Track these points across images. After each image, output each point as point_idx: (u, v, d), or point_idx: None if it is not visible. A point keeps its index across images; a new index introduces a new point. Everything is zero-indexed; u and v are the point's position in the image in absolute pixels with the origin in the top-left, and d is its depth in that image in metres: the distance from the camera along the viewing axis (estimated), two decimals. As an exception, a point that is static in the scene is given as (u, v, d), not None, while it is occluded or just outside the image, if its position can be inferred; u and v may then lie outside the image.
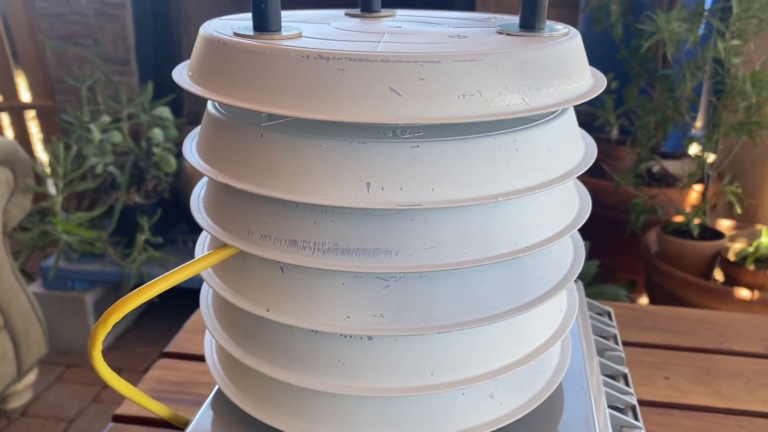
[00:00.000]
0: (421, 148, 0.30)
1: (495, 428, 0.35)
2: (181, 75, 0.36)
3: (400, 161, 0.30)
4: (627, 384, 0.46)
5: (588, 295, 1.19)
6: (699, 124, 1.72)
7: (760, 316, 0.76)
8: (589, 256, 1.50)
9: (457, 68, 0.29)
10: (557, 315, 0.38)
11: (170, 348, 0.69)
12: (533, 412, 0.37)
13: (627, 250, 1.57)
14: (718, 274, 1.41)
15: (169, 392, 0.62)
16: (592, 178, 1.70)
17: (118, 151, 1.76)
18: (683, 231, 1.42)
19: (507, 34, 0.35)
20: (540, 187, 0.32)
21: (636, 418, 0.42)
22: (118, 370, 1.58)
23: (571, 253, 0.39)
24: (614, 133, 1.70)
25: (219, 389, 0.40)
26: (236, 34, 0.33)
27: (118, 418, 0.58)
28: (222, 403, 0.39)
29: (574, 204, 0.37)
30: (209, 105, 0.37)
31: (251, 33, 0.33)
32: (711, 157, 1.46)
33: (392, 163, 0.30)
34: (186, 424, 0.38)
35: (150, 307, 1.88)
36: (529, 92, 0.31)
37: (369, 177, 0.30)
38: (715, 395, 0.62)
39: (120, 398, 0.59)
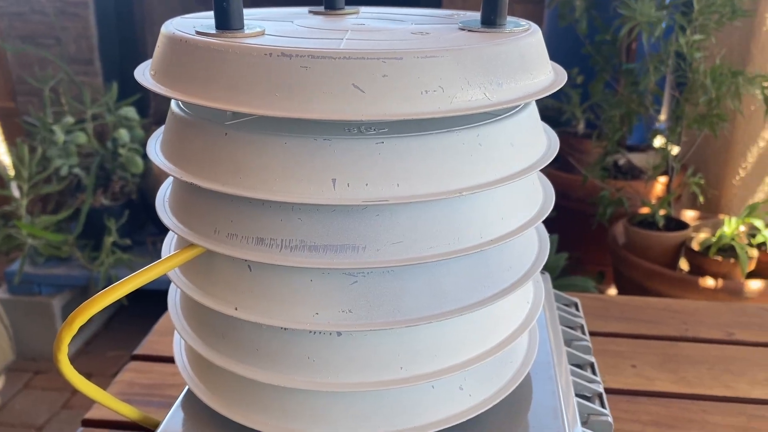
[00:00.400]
0: (386, 144, 0.31)
1: (465, 419, 0.36)
2: (144, 74, 0.35)
3: (365, 157, 0.31)
4: (594, 373, 0.47)
5: (557, 287, 1.21)
6: (663, 117, 1.75)
7: (723, 304, 0.78)
8: (558, 249, 1.52)
9: (420, 64, 0.30)
10: (524, 306, 0.39)
11: (140, 350, 0.68)
12: (503, 402, 0.38)
13: (595, 243, 1.60)
14: (684, 264, 1.44)
15: (139, 395, 0.61)
16: (560, 171, 1.73)
17: (83, 152, 1.73)
18: (649, 222, 1.45)
19: (469, 31, 0.35)
20: (503, 180, 0.33)
21: (603, 405, 0.43)
22: (88, 375, 1.56)
23: (536, 245, 0.39)
24: (581, 127, 1.72)
25: (189, 390, 0.40)
26: (198, 33, 0.33)
27: (88, 423, 0.58)
28: (192, 403, 0.39)
29: (538, 197, 0.38)
30: (173, 104, 0.36)
31: (213, 31, 0.33)
32: (675, 150, 1.49)
33: (357, 159, 0.31)
34: (156, 425, 0.38)
35: (119, 310, 1.85)
36: (490, 87, 0.31)
37: (334, 173, 0.31)
38: (680, 382, 0.64)
39: (90, 403, 0.58)
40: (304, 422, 0.35)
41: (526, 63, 0.33)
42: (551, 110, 1.80)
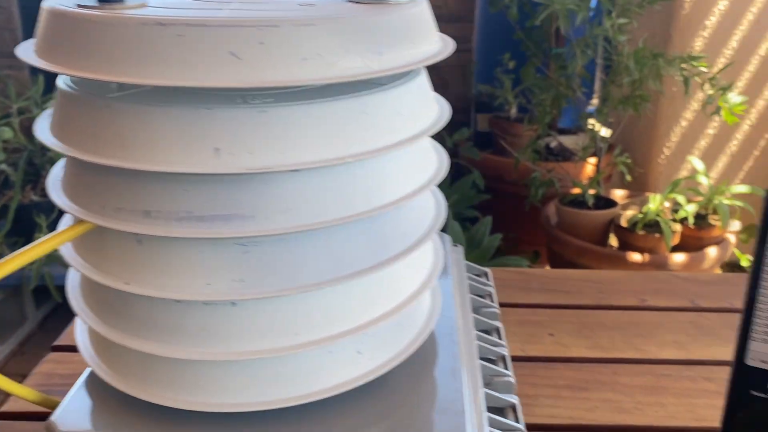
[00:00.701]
0: (269, 112, 0.31)
1: (363, 382, 0.37)
2: (27, 50, 0.35)
3: (247, 126, 0.31)
4: (499, 337, 0.48)
5: (492, 267, 1.24)
6: (596, 100, 1.80)
7: (638, 273, 0.81)
8: (493, 230, 1.56)
9: (297, 32, 0.30)
10: (421, 271, 0.40)
11: (60, 341, 0.67)
12: (406, 364, 0.39)
13: (530, 223, 1.64)
14: (613, 241, 1.49)
15: (58, 385, 0.60)
16: (494, 155, 1.76)
17: (10, 148, 1.67)
18: (580, 202, 1.50)
19: (355, 2, 0.36)
20: (390, 147, 0.34)
21: (506, 367, 0.45)
22: (23, 377, 1.51)
23: (433, 210, 0.41)
24: (513, 111, 1.76)
25: (92, 370, 0.39)
26: (79, 6, 0.32)
27: (2, 416, 0.56)
28: (95, 383, 0.39)
29: (431, 162, 0.39)
30: (59, 80, 0.36)
31: (95, 4, 0.32)
32: (603, 131, 1.54)
33: (240, 128, 0.31)
34: (57, 405, 0.38)
35: (54, 309, 1.80)
36: (370, 56, 0.32)
37: (217, 143, 0.31)
38: (594, 347, 0.66)
39: (19, 401, 0.56)
40: (203, 393, 0.35)
41: (410, 32, 0.34)
42: (485, 96, 1.84)
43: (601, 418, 0.57)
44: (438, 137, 0.39)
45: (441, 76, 2.06)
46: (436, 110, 0.39)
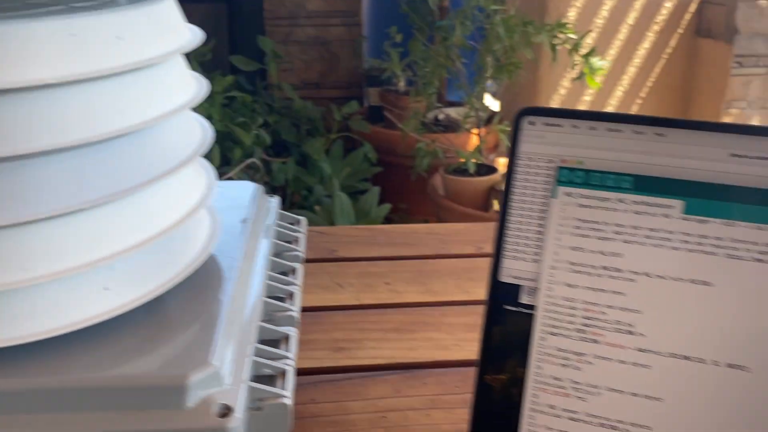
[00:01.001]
0: (-44, 32, 0.30)
1: (110, 317, 0.36)
2: None
3: (-69, 47, 0.30)
4: (294, 277, 0.49)
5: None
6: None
7: (479, 224, 0.83)
8: (384, 201, 1.58)
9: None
10: (178, 204, 0.40)
11: None
12: (175, 300, 0.39)
13: (420, 194, 1.67)
14: (496, 205, 1.53)
15: None
16: (384, 129, 1.78)
17: None
18: (463, 170, 1.53)
19: None
20: (104, 72, 0.33)
21: (292, 303, 0.45)
22: None
23: (197, 138, 0.40)
24: (401, 84, 1.78)
25: None
26: None
27: None
28: None
29: (179, 91, 0.39)
30: None
31: None
32: (484, 100, 1.58)
33: None
34: None
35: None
36: (67, -27, 0.31)
37: None
38: (427, 293, 0.68)
39: None
40: (-68, 337, 0.34)
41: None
42: (376, 69, 1.85)
43: (422, 355, 0.59)
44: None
45: (331, 50, 2.06)
46: (183, 38, 0.39)
